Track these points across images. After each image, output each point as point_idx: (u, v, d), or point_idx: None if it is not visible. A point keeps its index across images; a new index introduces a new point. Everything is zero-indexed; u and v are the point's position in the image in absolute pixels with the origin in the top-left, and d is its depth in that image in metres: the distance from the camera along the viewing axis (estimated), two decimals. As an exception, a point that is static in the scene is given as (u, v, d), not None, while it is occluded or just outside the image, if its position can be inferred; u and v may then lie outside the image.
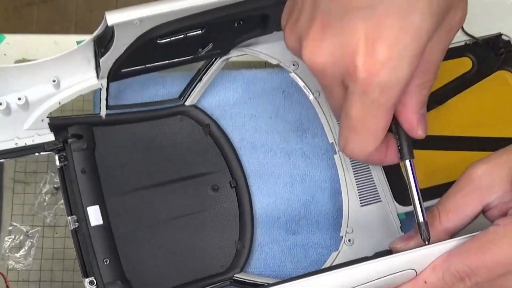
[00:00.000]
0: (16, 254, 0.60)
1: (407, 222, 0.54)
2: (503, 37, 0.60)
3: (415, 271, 0.42)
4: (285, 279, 0.45)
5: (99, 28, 0.48)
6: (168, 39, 0.49)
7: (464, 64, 0.60)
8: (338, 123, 0.56)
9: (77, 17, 1.35)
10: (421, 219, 0.44)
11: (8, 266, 0.60)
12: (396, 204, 0.55)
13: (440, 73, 0.60)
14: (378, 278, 0.42)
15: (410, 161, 0.45)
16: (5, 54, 0.65)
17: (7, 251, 0.60)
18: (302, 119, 0.60)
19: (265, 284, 0.53)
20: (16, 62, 0.65)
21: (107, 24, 0.47)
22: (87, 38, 0.49)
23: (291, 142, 0.60)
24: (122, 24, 0.45)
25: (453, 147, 0.58)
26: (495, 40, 0.60)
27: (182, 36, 0.49)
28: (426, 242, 0.43)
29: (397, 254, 0.42)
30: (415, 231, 0.45)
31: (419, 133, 0.45)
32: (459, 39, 0.60)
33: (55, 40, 0.66)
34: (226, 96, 0.61)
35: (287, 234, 0.58)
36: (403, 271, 0.42)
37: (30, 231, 0.61)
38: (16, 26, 1.37)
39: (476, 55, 0.60)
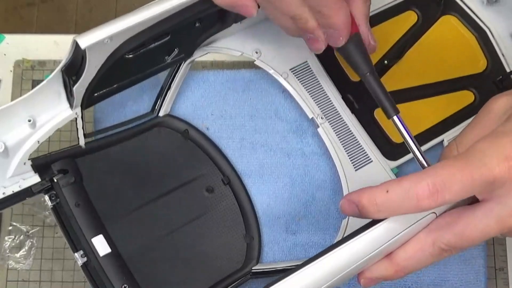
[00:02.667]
0: (16, 254, 0.60)
1: (401, 174, 0.56)
2: (439, -16, 0.64)
3: (436, 213, 0.43)
4: (309, 258, 0.44)
5: (66, 57, 0.47)
6: (137, 52, 0.49)
7: (410, 17, 0.63)
8: (312, 98, 0.58)
9: (77, 17, 1.33)
10: (425, 164, 0.46)
11: (8, 266, 0.59)
12: (387, 160, 0.57)
13: (391, 30, 0.63)
14: (405, 230, 0.43)
15: (397, 116, 0.47)
16: (5, 54, 0.65)
17: (7, 251, 0.60)
18: (302, 119, 0.61)
19: (288, 267, 0.54)
20: (16, 62, 0.65)
21: (76, 50, 0.46)
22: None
23: (291, 142, 0.60)
24: (94, 45, 0.45)
25: (419, 96, 0.61)
26: (433, -11, 0.63)
27: (151, 46, 0.49)
28: None
29: None
30: None
31: (372, 43, 0.48)
32: (400, -6, 0.63)
33: (55, 40, 0.65)
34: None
35: (287, 234, 0.58)
36: (425, 217, 0.43)
37: (30, 231, 0.60)
38: (16, 26, 1.36)
39: (419, 7, 0.63)
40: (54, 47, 0.66)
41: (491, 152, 0.39)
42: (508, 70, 0.61)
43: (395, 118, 0.47)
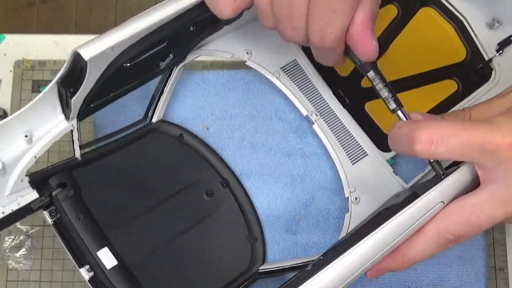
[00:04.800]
0: (16, 254, 0.59)
1: (397, 165, 0.58)
2: (415, -22, 0.65)
3: (443, 202, 0.44)
4: (324, 257, 0.45)
5: (63, 68, 0.46)
6: (135, 60, 0.48)
7: (391, 11, 0.64)
8: (305, 96, 0.58)
9: (77, 17, 1.30)
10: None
11: (8, 266, 0.59)
12: (381, 152, 0.58)
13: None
14: (414, 223, 0.43)
15: (401, 110, 0.48)
16: (5, 54, 0.64)
17: (7, 251, 0.59)
18: (302, 119, 0.61)
19: (295, 265, 0.54)
20: (16, 62, 0.64)
21: (75, 62, 0.45)
22: (51, 82, 0.47)
23: (291, 142, 0.61)
24: (96, 56, 0.44)
25: (405, 88, 0.62)
26: (410, -18, 0.65)
27: (148, 53, 0.48)
28: (443, 177, 0.46)
29: (423, 195, 0.43)
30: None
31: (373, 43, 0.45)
32: (380, -11, 0.64)
33: (55, 40, 0.65)
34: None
35: (287, 234, 0.59)
36: (433, 207, 0.44)
37: (30, 231, 0.60)
38: (16, 26, 1.33)
39: (398, 0, 0.64)
40: (54, 47, 0.65)
41: (502, 125, 0.39)
42: (486, 58, 0.63)
43: (399, 112, 0.48)
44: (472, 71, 0.63)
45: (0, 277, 0.58)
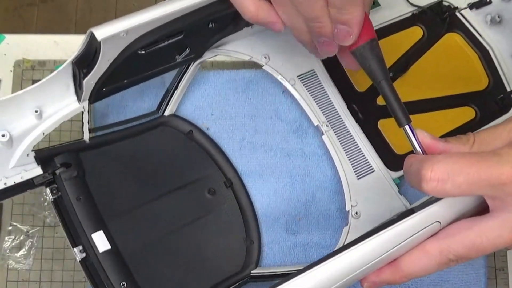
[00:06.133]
0: (16, 254, 0.59)
1: (404, 185, 0.57)
2: (444, 3, 0.65)
3: (440, 222, 0.44)
4: (311, 264, 0.44)
5: (79, 49, 0.47)
6: (150, 49, 0.49)
7: (416, 33, 0.64)
8: (318, 106, 0.58)
9: (77, 17, 1.33)
10: None
11: (8, 266, 0.59)
12: (389, 171, 0.57)
13: (397, 44, 0.64)
14: (406, 239, 0.43)
15: (409, 126, 0.47)
16: (5, 54, 0.65)
17: (7, 251, 0.59)
18: (302, 119, 0.61)
19: (287, 272, 0.53)
20: (16, 62, 0.64)
21: (90, 42, 0.46)
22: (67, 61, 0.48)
23: (291, 142, 0.61)
24: (110, 37, 0.45)
25: (422, 110, 0.62)
26: (438, 6, 0.64)
27: (164, 43, 0.49)
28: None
29: (418, 212, 0.43)
30: None
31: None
32: (407, 10, 0.64)
33: (55, 40, 0.65)
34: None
35: (287, 234, 0.58)
36: (428, 226, 0.43)
37: (30, 231, 0.60)
38: (16, 26, 1.35)
39: (424, 23, 0.64)
40: (54, 47, 0.65)
41: (509, 158, 0.39)
42: (508, 89, 0.62)
43: (406, 127, 0.47)
44: (492, 100, 0.62)
45: (0, 277, 0.59)
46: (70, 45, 0.56)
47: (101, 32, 0.44)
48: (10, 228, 0.60)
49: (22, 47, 0.65)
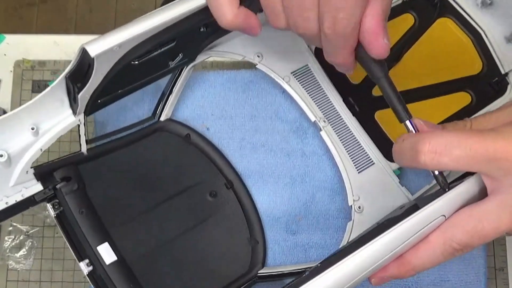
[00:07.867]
0: (16, 254, 0.60)
1: (404, 176, 0.57)
2: (434, -13, 0.64)
3: (445, 216, 0.44)
4: (322, 262, 0.44)
5: (72, 63, 0.47)
6: (143, 58, 0.48)
7: (407, 20, 0.64)
8: (314, 101, 0.58)
9: (77, 17, 1.32)
10: (436, 172, 0.46)
11: (8, 266, 0.59)
12: (388, 162, 0.57)
13: (389, 33, 0.63)
14: (413, 235, 0.43)
15: (410, 121, 0.47)
16: (5, 54, 0.65)
17: (7, 251, 0.59)
18: (302, 119, 0.61)
19: (294, 271, 0.54)
20: (16, 62, 0.64)
21: (83, 58, 0.45)
22: (61, 75, 0.48)
23: (291, 142, 0.60)
24: (103, 53, 0.44)
25: (417, 98, 0.62)
26: (428, -9, 0.64)
27: (156, 52, 0.49)
28: (446, 190, 0.45)
29: (423, 208, 0.43)
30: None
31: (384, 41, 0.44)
32: (397, -3, 0.64)
33: (55, 40, 0.65)
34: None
35: (287, 234, 0.59)
36: (434, 220, 0.43)
37: (30, 231, 0.60)
38: (16, 26, 1.36)
39: (415, 10, 0.64)
40: (54, 47, 0.65)
41: (507, 134, 0.39)
42: (503, 72, 0.62)
43: (407, 122, 0.47)
44: (487, 84, 0.62)
45: (0, 277, 0.59)
46: (70, 45, 0.56)
47: (94, 48, 0.44)
48: (10, 228, 0.60)
49: (22, 47, 0.66)
